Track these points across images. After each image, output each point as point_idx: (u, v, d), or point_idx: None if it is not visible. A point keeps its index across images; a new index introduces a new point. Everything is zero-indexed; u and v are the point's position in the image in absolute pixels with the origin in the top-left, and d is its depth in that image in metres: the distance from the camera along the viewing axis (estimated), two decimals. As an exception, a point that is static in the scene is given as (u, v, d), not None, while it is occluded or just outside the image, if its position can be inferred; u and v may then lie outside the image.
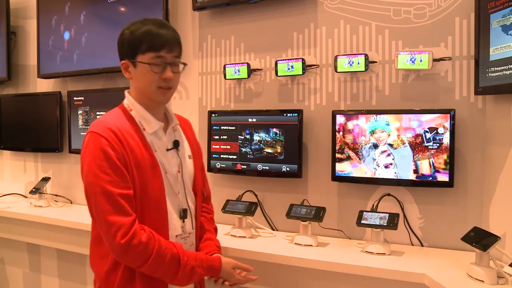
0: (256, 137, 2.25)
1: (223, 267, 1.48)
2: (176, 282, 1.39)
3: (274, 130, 2.21)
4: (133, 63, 1.41)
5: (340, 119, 2.05)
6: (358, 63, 2.02)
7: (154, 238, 1.33)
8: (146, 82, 1.40)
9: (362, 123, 2.00)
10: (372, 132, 1.98)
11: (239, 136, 2.30)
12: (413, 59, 1.90)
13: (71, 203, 3.00)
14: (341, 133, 2.04)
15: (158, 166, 1.41)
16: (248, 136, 2.28)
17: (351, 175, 2.03)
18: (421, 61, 1.89)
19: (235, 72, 2.35)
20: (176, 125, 1.54)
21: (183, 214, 1.48)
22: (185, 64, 1.50)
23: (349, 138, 2.03)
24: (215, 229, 1.68)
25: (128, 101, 1.46)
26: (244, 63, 2.34)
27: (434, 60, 1.90)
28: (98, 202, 1.30)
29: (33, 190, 2.90)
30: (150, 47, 1.37)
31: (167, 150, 1.46)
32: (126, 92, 1.49)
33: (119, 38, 1.44)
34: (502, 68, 1.61)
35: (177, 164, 1.48)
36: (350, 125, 2.03)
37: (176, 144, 1.49)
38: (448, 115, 1.83)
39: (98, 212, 1.31)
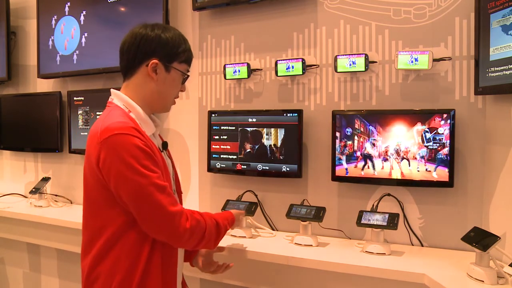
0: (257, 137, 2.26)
1: (236, 217, 1.68)
2: (216, 244, 1.52)
3: (274, 130, 2.21)
4: (166, 67, 1.41)
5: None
6: (355, 63, 2.02)
7: (200, 214, 1.44)
8: (173, 90, 1.46)
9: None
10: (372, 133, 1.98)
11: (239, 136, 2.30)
12: (412, 60, 1.90)
13: (71, 203, 3.00)
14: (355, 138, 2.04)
15: (167, 167, 1.44)
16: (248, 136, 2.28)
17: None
18: (417, 60, 1.89)
19: (235, 72, 2.35)
20: (160, 128, 1.55)
21: None
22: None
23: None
24: None
25: (125, 102, 1.40)
26: (244, 63, 2.34)
27: (434, 60, 1.90)
28: (156, 199, 1.28)
29: (33, 190, 2.90)
30: (188, 59, 1.47)
31: (160, 151, 1.46)
32: (118, 92, 1.43)
33: (148, 37, 1.39)
34: (502, 68, 1.61)
35: (169, 165, 1.51)
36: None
37: (165, 146, 1.51)
38: (448, 115, 1.83)
39: (156, 209, 1.29)
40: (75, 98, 2.94)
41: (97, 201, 1.35)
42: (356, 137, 2.02)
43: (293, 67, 2.18)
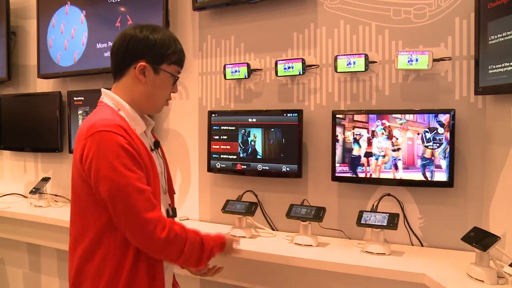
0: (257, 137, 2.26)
1: (227, 243, 1.54)
2: (200, 265, 1.42)
3: (274, 130, 2.21)
4: (155, 69, 1.39)
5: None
6: (354, 63, 2.02)
7: (183, 228, 1.35)
8: (163, 92, 1.43)
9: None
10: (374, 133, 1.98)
11: (239, 136, 2.30)
12: (412, 59, 1.90)
13: (71, 203, 2.99)
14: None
15: (156, 166, 1.41)
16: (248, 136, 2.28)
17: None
18: (417, 60, 1.89)
19: (235, 72, 2.35)
20: (152, 127, 1.54)
21: (172, 213, 1.50)
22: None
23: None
24: None
25: (114, 101, 1.40)
26: (244, 63, 2.34)
27: (434, 60, 1.90)
28: (131, 202, 1.24)
29: (33, 190, 2.90)
30: (179, 61, 1.43)
31: (151, 150, 1.46)
32: (108, 91, 1.43)
33: (137, 38, 1.38)
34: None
35: (159, 165, 1.49)
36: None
37: (156, 145, 1.51)
38: (448, 115, 1.83)
39: (130, 212, 1.25)
40: (75, 98, 2.94)
41: (82, 199, 1.34)
42: (356, 137, 2.02)
43: (293, 67, 2.17)
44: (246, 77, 2.33)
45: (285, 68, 2.20)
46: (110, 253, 1.30)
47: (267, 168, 2.24)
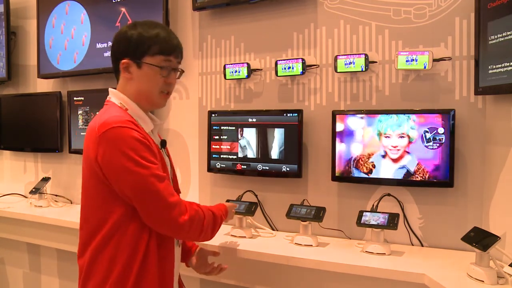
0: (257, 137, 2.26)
1: (228, 210, 1.67)
2: (213, 235, 1.51)
3: (274, 130, 2.21)
4: (137, 64, 1.40)
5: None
6: (354, 63, 2.02)
7: (197, 205, 1.44)
8: (152, 85, 1.41)
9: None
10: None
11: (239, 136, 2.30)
12: (412, 58, 1.90)
13: (71, 203, 2.99)
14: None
15: (166, 164, 1.44)
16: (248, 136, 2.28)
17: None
18: (416, 60, 1.89)
19: (234, 72, 2.35)
20: (160, 126, 1.57)
21: None
22: (183, 71, 1.54)
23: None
24: None
25: (121, 99, 1.42)
26: (244, 63, 2.34)
27: (434, 60, 1.90)
28: (156, 190, 1.29)
29: (33, 190, 2.90)
30: (162, 50, 1.40)
31: (159, 149, 1.47)
32: (115, 91, 1.45)
33: (119, 37, 1.43)
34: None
35: (168, 164, 1.51)
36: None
37: (163, 144, 1.51)
38: (448, 115, 1.83)
39: (158, 200, 1.30)
40: (75, 98, 2.94)
41: (96, 198, 1.36)
42: (356, 137, 2.02)
43: (293, 67, 2.17)
44: (247, 76, 2.33)
45: (283, 68, 2.19)
46: (122, 245, 1.33)
47: (267, 168, 2.24)
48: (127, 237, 1.33)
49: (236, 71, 2.35)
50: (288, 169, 2.18)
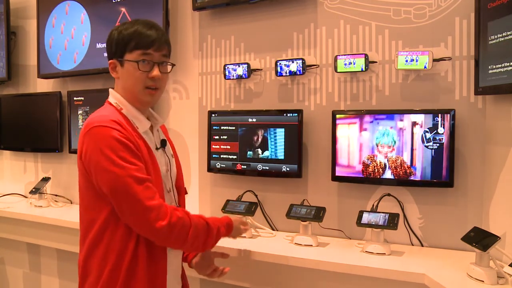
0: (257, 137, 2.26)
1: (234, 224, 1.55)
2: (207, 246, 1.44)
3: (274, 130, 2.21)
4: (120, 62, 1.40)
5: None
6: (354, 63, 2.02)
7: (186, 213, 1.37)
8: (133, 81, 1.39)
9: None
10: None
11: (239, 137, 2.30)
12: (413, 59, 1.90)
13: (71, 203, 2.99)
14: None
15: (157, 164, 1.41)
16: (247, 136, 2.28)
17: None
18: (417, 61, 1.89)
19: (231, 72, 2.35)
20: (161, 125, 1.56)
21: None
22: (173, 65, 1.50)
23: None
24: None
25: (117, 99, 1.42)
26: (244, 63, 2.34)
27: (434, 60, 1.90)
28: (132, 192, 1.26)
29: (33, 190, 2.90)
30: (138, 44, 1.37)
31: (156, 149, 1.46)
32: (112, 91, 1.46)
33: (107, 39, 1.44)
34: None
35: (166, 163, 1.49)
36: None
37: (163, 143, 1.50)
38: (448, 115, 1.83)
39: (134, 202, 1.27)
40: (75, 98, 2.94)
41: (86, 195, 1.38)
42: (356, 137, 2.02)
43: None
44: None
45: (281, 67, 2.20)
46: (111, 244, 1.33)
47: (267, 168, 2.24)
48: (115, 237, 1.33)
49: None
50: (288, 169, 2.18)
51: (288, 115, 2.18)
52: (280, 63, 2.21)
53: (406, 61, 1.91)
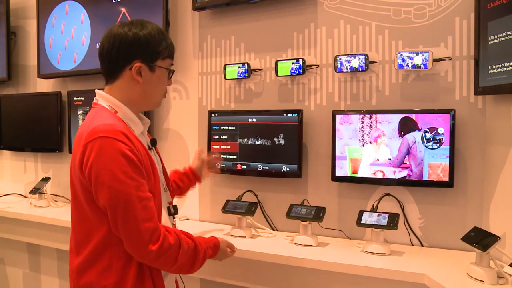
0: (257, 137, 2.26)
1: (221, 245, 1.55)
2: (193, 270, 1.41)
3: (274, 130, 2.21)
4: (151, 68, 1.37)
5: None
6: (356, 64, 2.02)
7: (178, 236, 1.33)
8: (159, 88, 1.42)
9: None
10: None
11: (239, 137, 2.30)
12: (404, 60, 1.90)
13: (71, 203, 2.99)
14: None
15: (156, 167, 1.39)
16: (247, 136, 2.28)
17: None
18: (419, 61, 1.89)
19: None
20: (149, 124, 1.52)
21: (173, 211, 1.50)
22: (173, 71, 1.50)
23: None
24: None
25: (111, 102, 1.37)
26: (244, 63, 2.34)
27: (434, 60, 1.90)
28: (129, 210, 1.23)
29: (33, 190, 2.90)
30: (170, 54, 1.42)
31: (149, 149, 1.45)
32: (103, 93, 1.39)
33: (127, 39, 1.34)
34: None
35: (158, 162, 1.49)
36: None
37: (154, 143, 1.50)
38: (448, 115, 1.83)
39: (129, 221, 1.23)
40: (75, 98, 2.94)
41: (83, 206, 1.31)
42: (356, 137, 2.02)
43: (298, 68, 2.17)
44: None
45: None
46: (113, 265, 1.29)
47: (267, 168, 2.24)
48: (118, 256, 1.29)
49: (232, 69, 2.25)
50: (288, 169, 2.18)
51: (288, 115, 2.18)
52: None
53: (403, 61, 1.91)
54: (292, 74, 2.18)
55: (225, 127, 2.36)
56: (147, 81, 1.37)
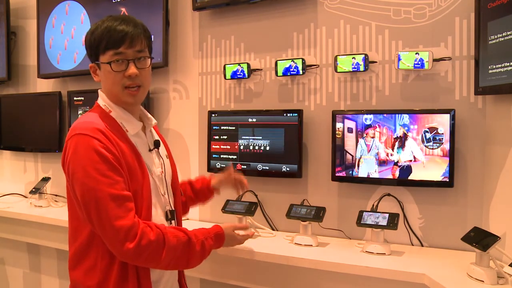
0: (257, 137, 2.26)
1: (225, 232, 1.50)
2: (191, 265, 1.37)
3: (274, 130, 2.21)
4: (98, 65, 1.36)
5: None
6: (357, 64, 2.02)
7: (161, 232, 1.29)
8: (111, 83, 1.34)
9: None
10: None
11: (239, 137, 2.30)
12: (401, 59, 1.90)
13: (71, 203, 2.99)
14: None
15: (146, 168, 1.36)
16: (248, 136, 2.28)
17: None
18: (419, 62, 1.89)
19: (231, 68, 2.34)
20: (154, 125, 1.50)
21: (170, 216, 1.45)
22: (152, 58, 1.40)
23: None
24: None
25: (105, 102, 1.37)
26: (244, 63, 2.34)
27: (434, 60, 1.90)
28: (101, 208, 1.21)
29: (33, 190, 2.90)
30: (109, 44, 1.31)
31: (149, 150, 1.43)
32: (101, 92, 1.41)
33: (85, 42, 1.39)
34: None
35: (160, 165, 1.45)
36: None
37: (157, 144, 1.45)
38: (448, 115, 1.83)
39: (102, 219, 1.22)
40: (75, 98, 2.94)
41: (73, 202, 1.32)
42: (356, 137, 2.02)
43: (296, 67, 2.17)
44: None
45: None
46: (97, 265, 1.28)
47: (267, 168, 2.24)
48: (102, 252, 1.28)
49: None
50: (288, 169, 2.18)
51: (288, 115, 2.18)
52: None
53: (400, 60, 1.91)
54: (285, 74, 2.20)
55: (225, 127, 2.36)
56: (102, 79, 1.38)
